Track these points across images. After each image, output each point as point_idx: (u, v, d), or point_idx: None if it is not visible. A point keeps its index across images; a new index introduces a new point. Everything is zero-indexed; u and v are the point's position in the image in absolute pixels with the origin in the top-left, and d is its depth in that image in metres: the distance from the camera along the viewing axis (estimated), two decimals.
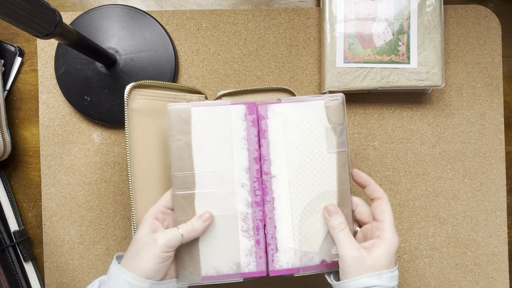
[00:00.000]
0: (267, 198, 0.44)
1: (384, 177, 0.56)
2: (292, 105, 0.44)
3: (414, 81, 0.51)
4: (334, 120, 0.44)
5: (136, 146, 0.46)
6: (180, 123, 0.42)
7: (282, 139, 0.44)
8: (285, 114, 0.44)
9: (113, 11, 0.53)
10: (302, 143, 0.44)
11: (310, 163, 0.44)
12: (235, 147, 0.43)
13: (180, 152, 0.42)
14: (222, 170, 0.43)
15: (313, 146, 0.44)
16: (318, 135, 0.44)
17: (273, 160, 0.44)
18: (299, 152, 0.44)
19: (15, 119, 0.56)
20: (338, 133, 0.44)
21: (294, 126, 0.44)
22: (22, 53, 0.56)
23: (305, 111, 0.44)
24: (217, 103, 0.44)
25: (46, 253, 0.56)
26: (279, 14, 0.55)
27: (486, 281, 0.56)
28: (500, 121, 0.55)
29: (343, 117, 0.44)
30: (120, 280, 0.37)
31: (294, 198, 0.43)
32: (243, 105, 0.43)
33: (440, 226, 0.56)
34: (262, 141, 0.44)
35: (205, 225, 0.41)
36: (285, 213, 0.43)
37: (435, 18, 0.51)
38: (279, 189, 0.43)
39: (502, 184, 0.55)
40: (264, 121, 0.44)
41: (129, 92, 0.45)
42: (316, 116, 0.44)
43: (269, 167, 0.44)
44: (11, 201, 0.55)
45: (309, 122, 0.44)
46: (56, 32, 0.37)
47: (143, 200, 0.46)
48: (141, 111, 0.46)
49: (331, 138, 0.44)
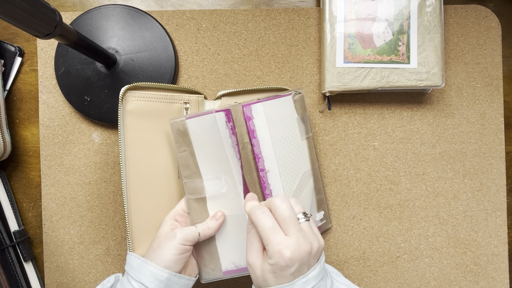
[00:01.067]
0: (266, 191, 0.47)
1: (384, 177, 0.56)
2: (269, 102, 0.47)
3: (414, 81, 0.51)
4: (301, 112, 0.50)
5: (130, 147, 0.46)
6: (181, 135, 0.45)
7: (268, 135, 0.47)
8: (266, 112, 0.47)
9: (113, 11, 0.53)
10: (283, 136, 0.48)
11: (291, 152, 0.48)
12: (228, 153, 0.46)
13: (187, 161, 0.45)
14: (224, 174, 0.46)
15: (291, 136, 0.49)
16: (292, 126, 0.49)
17: (265, 156, 0.47)
18: (282, 144, 0.48)
19: (15, 119, 0.56)
20: (305, 122, 0.51)
21: (275, 122, 0.47)
22: (22, 53, 0.56)
23: (280, 106, 0.48)
24: (204, 112, 0.45)
25: (46, 253, 0.56)
26: (279, 14, 0.55)
27: (486, 281, 0.56)
28: (500, 121, 0.55)
29: (305, 107, 0.51)
30: (145, 270, 0.41)
31: (286, 185, 0.48)
32: (222, 112, 0.45)
33: (440, 226, 0.56)
34: (253, 141, 0.46)
35: (218, 223, 0.45)
36: None
37: (435, 18, 0.51)
38: (274, 181, 0.47)
39: (502, 184, 0.55)
40: (251, 121, 0.46)
41: (123, 94, 0.45)
42: (288, 110, 0.49)
43: (263, 164, 0.47)
44: (11, 201, 0.55)
45: (284, 116, 0.48)
46: (56, 32, 0.37)
47: (137, 201, 0.47)
48: (136, 113, 0.46)
49: (301, 127, 0.50)
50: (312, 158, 0.51)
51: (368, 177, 0.55)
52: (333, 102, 0.56)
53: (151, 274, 0.41)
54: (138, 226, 0.47)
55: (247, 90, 0.52)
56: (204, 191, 0.46)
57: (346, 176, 0.56)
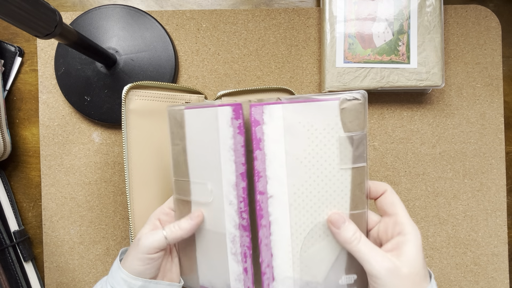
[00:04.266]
0: (263, 222, 0.36)
1: (384, 177, 0.55)
2: (296, 106, 0.34)
3: (414, 81, 0.51)
4: (351, 127, 0.34)
5: (134, 146, 0.46)
6: (176, 127, 0.39)
7: (282, 150, 0.35)
8: (286, 118, 0.35)
9: (113, 11, 0.53)
10: (307, 156, 0.35)
11: (317, 181, 0.35)
12: (222, 158, 0.37)
13: (178, 157, 0.40)
14: (212, 182, 0.38)
15: (322, 159, 0.35)
16: (329, 146, 0.35)
17: (270, 176, 0.36)
18: (303, 166, 0.35)
19: (15, 119, 0.56)
20: (356, 143, 0.34)
21: (298, 134, 0.35)
22: (22, 53, 0.56)
23: (312, 114, 0.34)
24: (207, 104, 0.38)
25: (46, 253, 0.56)
26: (279, 14, 0.55)
27: (486, 281, 0.56)
28: (500, 121, 0.55)
29: (363, 122, 0.34)
30: (117, 277, 0.38)
31: (296, 222, 0.36)
32: (229, 107, 0.35)
33: (440, 226, 0.56)
34: (256, 153, 0.35)
35: (192, 224, 0.38)
36: (284, 239, 0.37)
37: (435, 18, 0.51)
38: (277, 211, 0.36)
39: (502, 184, 0.55)
40: (259, 127, 0.35)
41: (127, 93, 0.45)
42: (327, 121, 0.34)
43: (265, 186, 0.36)
44: (11, 201, 0.55)
45: (318, 129, 0.34)
46: (56, 32, 0.37)
47: (140, 200, 0.47)
48: (139, 112, 0.46)
49: (346, 150, 0.35)
50: (356, 198, 0.35)
51: None
52: None
53: (124, 282, 0.37)
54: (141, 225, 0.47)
55: (247, 90, 0.52)
56: (190, 194, 0.39)
57: None
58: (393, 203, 0.35)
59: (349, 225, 0.34)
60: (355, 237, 0.34)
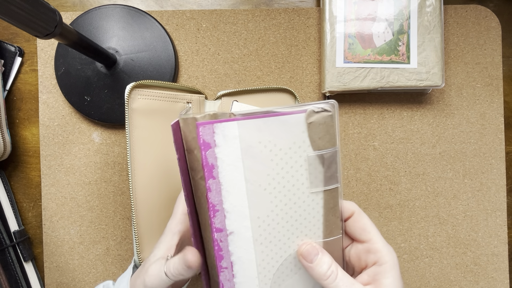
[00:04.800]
0: (223, 263, 0.31)
1: (384, 177, 0.56)
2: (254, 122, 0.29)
3: (414, 81, 0.51)
4: (321, 144, 0.30)
5: (137, 146, 0.46)
6: None
7: (241, 177, 0.30)
8: (244, 138, 0.29)
9: (113, 11, 0.53)
10: (271, 182, 0.30)
11: (285, 209, 0.31)
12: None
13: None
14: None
15: (289, 184, 0.30)
16: (296, 168, 0.30)
17: (228, 210, 0.30)
18: (268, 194, 0.30)
19: (15, 119, 0.56)
20: (327, 162, 0.30)
21: (259, 156, 0.29)
22: (22, 53, 0.56)
23: (275, 131, 0.29)
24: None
25: (46, 253, 0.56)
26: (279, 14, 0.55)
27: (486, 281, 0.56)
28: (500, 121, 0.55)
29: (334, 137, 0.30)
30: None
31: (263, 259, 0.31)
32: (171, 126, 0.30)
33: (440, 226, 0.56)
34: (209, 183, 0.30)
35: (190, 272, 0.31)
36: (250, 279, 0.32)
37: (435, 18, 0.51)
38: (239, 250, 0.31)
39: (502, 184, 0.55)
40: (211, 151, 0.29)
41: (130, 92, 0.45)
42: (293, 139, 0.29)
43: (223, 221, 0.30)
44: (11, 201, 0.55)
45: (282, 149, 0.29)
46: (56, 32, 0.37)
47: (144, 200, 0.46)
48: (142, 111, 0.46)
49: (316, 171, 0.30)
50: (330, 224, 0.32)
51: (368, 177, 0.55)
52: None
53: None
54: (146, 226, 0.46)
55: (247, 90, 0.52)
56: None
57: (346, 176, 0.56)
58: (364, 228, 0.32)
59: (323, 257, 0.30)
60: (330, 271, 0.30)
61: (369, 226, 0.32)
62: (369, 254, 0.31)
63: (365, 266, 0.32)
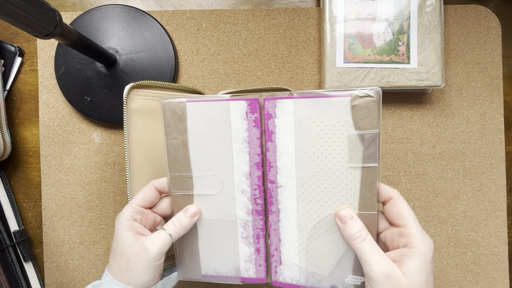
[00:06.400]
0: (272, 208, 0.39)
1: (384, 177, 0.55)
2: (307, 101, 0.35)
3: (414, 81, 0.51)
4: (363, 125, 0.34)
5: (135, 146, 0.46)
6: (175, 120, 0.39)
7: (292, 143, 0.36)
8: (297, 113, 0.35)
9: (113, 11, 0.53)
10: (316, 151, 0.35)
11: (325, 177, 0.36)
12: (235, 150, 0.38)
13: (177, 152, 0.40)
14: (221, 174, 0.39)
15: (331, 156, 0.35)
16: (338, 143, 0.34)
17: (280, 167, 0.37)
18: (312, 161, 0.36)
19: (15, 119, 0.56)
20: (367, 142, 0.34)
21: (308, 129, 0.35)
22: (22, 53, 0.56)
23: (323, 110, 0.34)
24: (214, 98, 0.38)
25: (46, 253, 0.56)
26: (279, 14, 0.55)
27: (486, 281, 0.56)
28: (500, 121, 0.55)
29: (376, 120, 0.33)
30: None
31: (303, 213, 0.37)
32: (244, 101, 0.37)
33: (440, 226, 0.56)
34: (268, 145, 0.37)
35: (193, 221, 0.39)
36: (291, 227, 0.39)
37: (435, 18, 0.51)
38: (285, 200, 0.38)
39: (502, 184, 0.55)
40: (272, 120, 0.37)
41: (128, 93, 0.45)
42: (338, 118, 0.34)
43: (275, 175, 0.38)
44: (11, 201, 0.55)
45: (327, 126, 0.34)
46: (56, 32, 0.37)
47: None
48: (140, 111, 0.46)
49: (356, 148, 0.34)
50: (365, 199, 0.35)
51: None
52: None
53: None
54: None
55: (247, 90, 0.52)
56: (193, 188, 0.40)
57: None
58: (400, 213, 0.34)
59: (356, 222, 0.34)
60: (359, 234, 0.33)
61: (406, 212, 0.33)
62: (401, 237, 0.33)
63: (397, 247, 0.34)
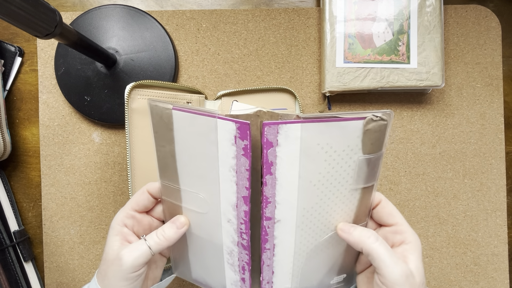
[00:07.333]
0: (267, 245, 0.35)
1: (384, 177, 0.56)
2: (317, 126, 0.30)
3: (414, 81, 0.51)
4: (371, 149, 0.32)
5: (136, 146, 0.46)
6: (162, 127, 0.35)
7: (295, 174, 0.32)
8: (304, 140, 0.31)
9: (113, 11, 0.53)
10: (321, 179, 0.32)
11: (327, 202, 0.33)
12: (222, 175, 0.33)
13: (165, 161, 0.36)
14: (208, 195, 0.35)
15: (336, 181, 0.32)
16: (345, 168, 0.32)
17: (279, 202, 0.33)
18: (316, 189, 0.32)
19: (15, 119, 0.56)
20: (372, 165, 0.32)
21: (315, 157, 0.31)
22: (22, 53, 0.56)
23: (333, 134, 0.31)
24: (201, 111, 0.32)
25: (46, 253, 0.56)
26: (279, 14, 0.55)
27: (486, 281, 0.56)
28: (500, 121, 0.55)
29: (383, 142, 0.32)
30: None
31: (301, 241, 0.35)
32: (233, 123, 0.30)
33: (440, 226, 0.56)
34: (266, 179, 0.32)
35: (179, 233, 0.36)
36: (287, 257, 0.36)
37: (435, 18, 0.51)
38: (282, 234, 0.34)
39: (502, 184, 0.55)
40: (272, 150, 0.31)
41: (129, 92, 0.45)
42: (348, 143, 0.31)
43: (273, 211, 0.33)
44: (11, 201, 0.55)
45: (336, 151, 0.31)
46: (56, 32, 0.37)
47: None
48: (141, 111, 0.46)
49: (361, 171, 0.32)
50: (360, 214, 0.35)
51: None
52: (333, 102, 0.56)
53: None
54: None
55: (247, 90, 0.52)
56: (181, 201, 0.36)
57: None
58: (390, 213, 0.36)
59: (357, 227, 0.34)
60: (371, 233, 0.33)
61: (395, 211, 0.36)
62: (396, 235, 0.35)
63: (392, 246, 0.35)
